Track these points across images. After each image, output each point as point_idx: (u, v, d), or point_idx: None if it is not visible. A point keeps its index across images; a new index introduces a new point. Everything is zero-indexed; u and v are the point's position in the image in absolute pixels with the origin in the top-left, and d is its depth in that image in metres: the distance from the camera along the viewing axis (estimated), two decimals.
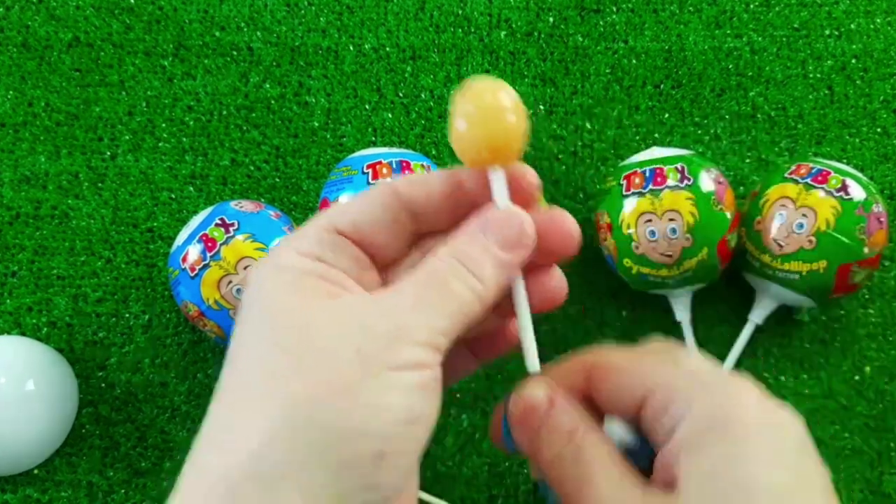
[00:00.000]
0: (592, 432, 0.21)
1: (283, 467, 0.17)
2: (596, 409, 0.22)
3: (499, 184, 0.21)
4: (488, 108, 0.21)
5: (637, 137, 0.49)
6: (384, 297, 0.20)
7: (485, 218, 0.21)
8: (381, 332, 0.18)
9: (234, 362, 0.19)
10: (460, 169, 0.22)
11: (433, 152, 0.48)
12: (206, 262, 0.37)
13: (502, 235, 0.21)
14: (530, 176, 0.22)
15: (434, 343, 0.19)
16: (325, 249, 0.21)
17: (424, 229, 0.23)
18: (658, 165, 0.40)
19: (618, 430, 0.21)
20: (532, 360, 0.22)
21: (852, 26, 0.51)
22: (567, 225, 0.22)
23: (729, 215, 0.39)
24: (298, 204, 0.47)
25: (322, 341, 0.18)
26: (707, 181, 0.39)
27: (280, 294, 0.19)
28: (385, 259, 0.22)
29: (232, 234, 0.38)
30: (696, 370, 0.21)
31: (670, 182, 0.39)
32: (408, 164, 0.40)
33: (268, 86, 0.49)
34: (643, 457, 0.21)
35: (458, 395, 0.43)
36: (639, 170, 0.40)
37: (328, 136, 0.48)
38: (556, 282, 0.23)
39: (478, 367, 0.26)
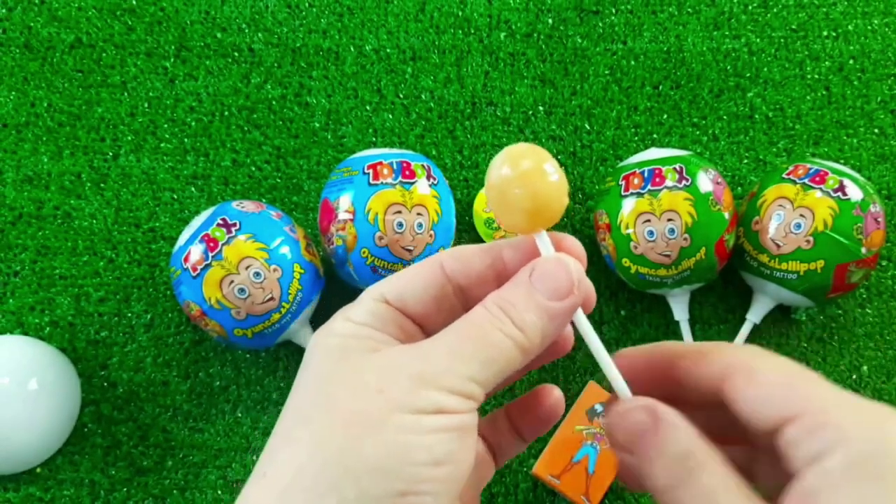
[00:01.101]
0: (712, 457, 0.19)
1: (307, 501, 0.18)
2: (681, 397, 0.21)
3: (545, 245, 0.21)
4: (527, 177, 0.20)
5: (636, 138, 0.49)
6: (421, 345, 0.20)
7: (531, 266, 0.21)
8: (408, 376, 0.19)
9: (282, 415, 0.20)
10: (500, 242, 0.22)
11: (433, 153, 0.48)
12: (208, 261, 0.37)
13: (550, 284, 0.20)
14: (577, 251, 0.22)
15: (464, 390, 0.19)
16: (375, 318, 0.21)
17: (472, 300, 0.22)
18: (656, 166, 0.40)
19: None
20: (621, 388, 0.21)
21: (850, 27, 0.51)
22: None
23: (727, 215, 0.40)
24: (299, 204, 0.47)
25: (352, 383, 0.19)
26: (705, 181, 0.39)
27: (327, 354, 0.20)
28: (435, 328, 0.22)
29: (233, 234, 0.38)
30: (851, 399, 0.19)
31: (669, 182, 0.39)
32: (408, 164, 0.40)
33: (269, 87, 0.49)
34: None
35: None
36: (637, 170, 0.41)
37: (329, 137, 0.49)
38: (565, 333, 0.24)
39: (525, 447, 0.27)
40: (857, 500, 0.17)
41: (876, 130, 0.49)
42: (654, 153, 0.42)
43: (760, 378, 0.20)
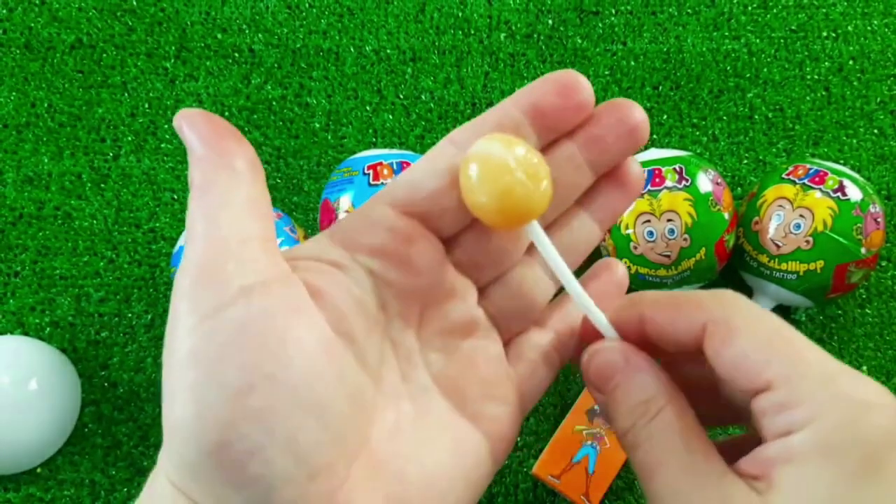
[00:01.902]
0: (673, 405, 0.19)
1: None
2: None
3: (541, 240, 0.20)
4: (493, 175, 0.18)
5: None
6: None
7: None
8: None
9: None
10: (508, 101, 0.20)
11: None
12: None
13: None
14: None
15: None
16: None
17: None
18: (656, 166, 0.40)
19: None
20: (605, 326, 0.20)
21: (849, 28, 0.51)
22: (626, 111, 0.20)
23: (727, 216, 0.40)
24: (299, 204, 0.47)
25: None
26: (705, 182, 0.40)
27: None
28: (456, 222, 0.20)
29: None
30: (830, 372, 0.17)
31: (668, 183, 0.39)
32: (408, 164, 0.40)
33: (269, 87, 0.49)
34: None
35: None
36: None
37: (329, 138, 0.49)
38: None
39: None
40: (812, 483, 0.17)
41: (875, 131, 0.49)
42: (653, 153, 0.42)
43: (737, 339, 0.18)
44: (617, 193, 0.22)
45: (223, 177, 0.17)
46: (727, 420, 0.21)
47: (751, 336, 0.18)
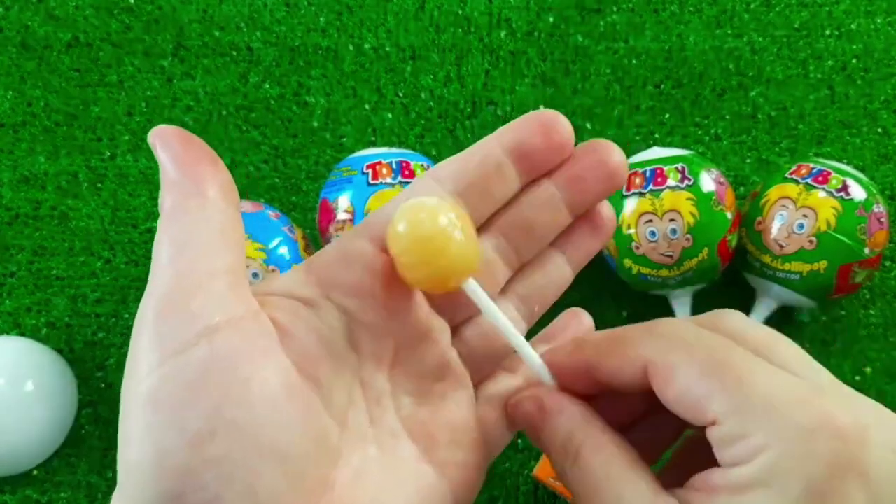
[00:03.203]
0: (592, 439, 0.19)
1: None
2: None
3: (474, 293, 0.19)
4: (420, 246, 0.18)
5: (637, 137, 0.49)
6: None
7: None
8: None
9: None
10: (493, 138, 0.20)
11: (433, 152, 0.48)
12: None
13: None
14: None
15: None
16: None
17: (487, 208, 0.21)
18: (658, 165, 0.40)
19: None
20: (542, 374, 0.21)
21: (853, 26, 0.51)
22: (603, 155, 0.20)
23: (729, 215, 0.39)
24: (298, 204, 0.47)
25: None
26: (707, 181, 0.39)
27: None
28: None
29: None
30: (774, 398, 0.17)
31: (671, 182, 0.39)
32: (408, 164, 0.40)
33: (267, 86, 0.49)
34: None
35: None
36: (639, 170, 0.40)
37: (328, 136, 0.48)
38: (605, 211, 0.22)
39: None
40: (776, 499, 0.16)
41: (879, 130, 0.49)
42: (655, 152, 0.41)
43: (677, 378, 0.18)
44: (590, 235, 0.22)
45: (194, 204, 0.17)
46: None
47: (689, 371, 0.17)
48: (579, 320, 0.24)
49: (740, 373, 0.17)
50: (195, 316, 0.16)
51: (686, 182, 0.39)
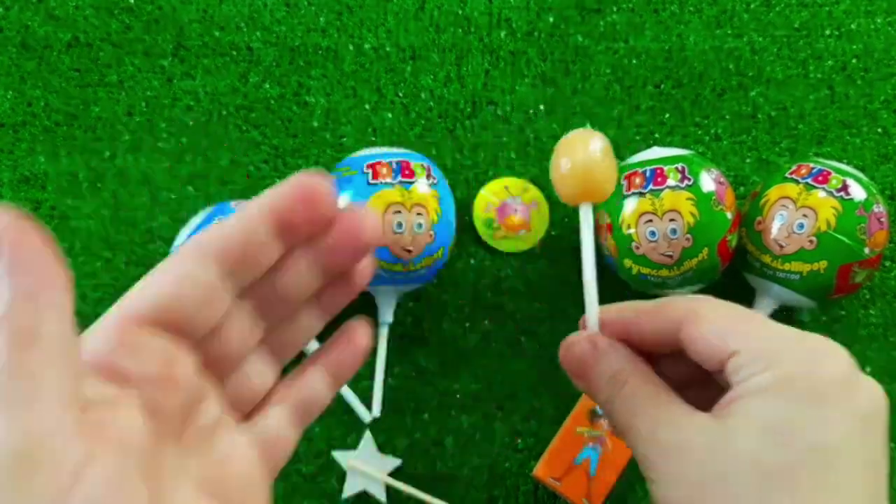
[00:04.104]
0: (638, 371, 0.24)
1: None
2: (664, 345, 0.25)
3: (587, 217, 0.27)
4: (581, 160, 0.26)
5: (637, 137, 0.49)
6: None
7: None
8: None
9: None
10: (254, 206, 0.21)
11: (433, 152, 0.48)
12: None
13: None
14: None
15: None
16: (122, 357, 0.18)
17: (247, 278, 0.21)
18: (658, 165, 0.40)
19: None
20: (592, 322, 0.26)
21: (853, 26, 0.51)
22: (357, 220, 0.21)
23: (729, 215, 0.39)
24: None
25: None
26: (707, 181, 0.39)
27: None
28: (203, 328, 0.20)
29: None
30: (790, 334, 0.22)
31: (671, 182, 0.39)
32: (408, 163, 0.40)
33: (267, 86, 0.49)
34: None
35: (458, 396, 0.43)
36: (639, 170, 0.40)
37: (328, 136, 0.48)
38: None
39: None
40: (764, 408, 0.21)
41: (879, 130, 0.49)
42: (656, 152, 0.41)
43: (706, 322, 0.23)
44: (344, 291, 0.24)
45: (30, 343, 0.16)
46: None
47: (716, 319, 0.23)
48: (355, 339, 0.25)
49: (753, 321, 0.23)
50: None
51: (686, 182, 0.39)
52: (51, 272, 0.16)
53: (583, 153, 0.26)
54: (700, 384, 0.25)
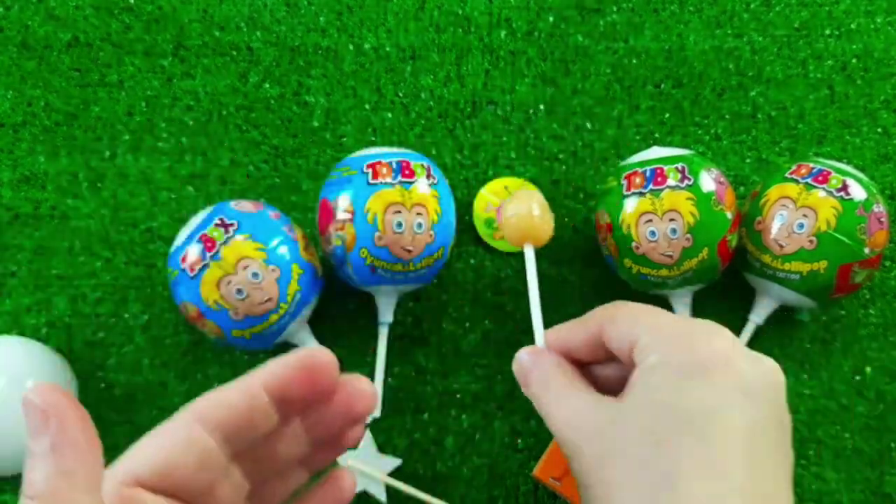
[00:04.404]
0: (560, 371, 0.29)
1: None
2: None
3: (529, 255, 0.33)
4: (522, 217, 0.34)
5: (637, 137, 0.49)
6: None
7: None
8: None
9: None
10: (258, 378, 0.22)
11: (433, 152, 0.48)
12: (206, 262, 0.37)
13: None
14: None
15: None
16: None
17: (241, 453, 0.23)
18: (658, 165, 0.40)
19: None
20: (539, 336, 0.32)
21: (853, 26, 0.51)
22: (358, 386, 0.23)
23: (729, 215, 0.39)
24: (298, 204, 0.47)
25: None
26: (707, 181, 0.39)
27: None
28: (199, 490, 0.22)
29: (231, 234, 0.37)
30: (679, 324, 0.27)
31: (671, 182, 0.39)
32: (408, 163, 0.40)
33: (267, 85, 0.49)
34: None
35: (458, 396, 0.43)
36: (639, 169, 0.40)
37: (328, 136, 0.48)
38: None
39: None
40: (654, 390, 0.25)
41: (879, 130, 0.49)
42: (655, 152, 0.41)
43: (617, 321, 0.28)
44: (332, 453, 0.25)
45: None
46: None
47: (625, 317, 0.28)
48: (340, 485, 0.26)
49: (655, 314, 0.28)
50: None
51: (686, 182, 0.39)
52: (88, 452, 0.18)
53: (526, 209, 0.34)
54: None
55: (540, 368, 0.30)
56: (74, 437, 0.18)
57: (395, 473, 0.41)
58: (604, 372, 0.30)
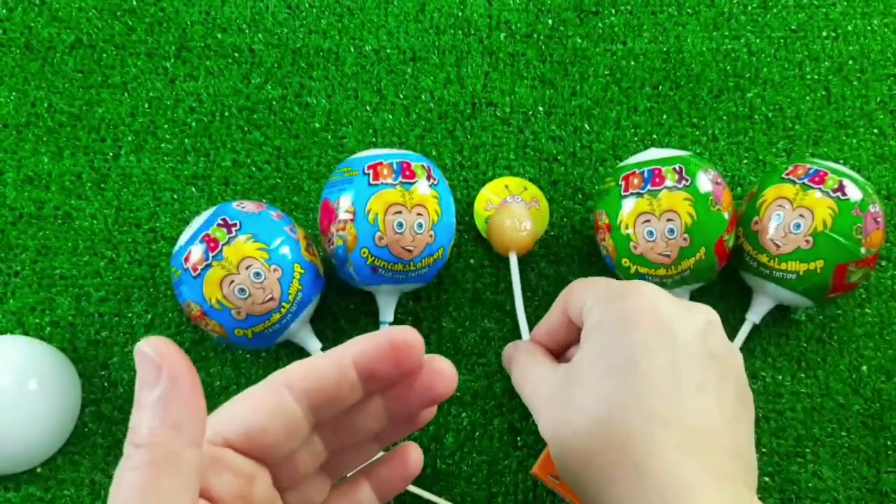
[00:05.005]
0: (533, 353, 0.33)
1: None
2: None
3: (514, 261, 0.42)
4: (505, 229, 0.42)
5: (635, 138, 0.49)
6: None
7: None
8: None
9: None
10: (348, 352, 0.22)
11: (433, 153, 0.49)
12: (209, 262, 0.37)
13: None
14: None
15: None
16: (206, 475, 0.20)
17: (324, 423, 0.23)
18: (656, 166, 0.40)
19: None
20: (524, 334, 0.39)
21: (849, 28, 0.51)
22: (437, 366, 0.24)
23: (726, 216, 0.40)
24: (299, 204, 0.47)
25: None
26: (705, 182, 0.40)
27: None
28: (281, 465, 0.23)
29: (234, 234, 0.38)
30: (612, 288, 0.30)
31: (668, 183, 0.39)
32: (408, 164, 0.40)
33: (269, 87, 0.49)
34: None
35: (458, 394, 0.44)
36: (637, 170, 0.41)
37: (329, 137, 0.49)
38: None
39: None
40: (593, 343, 0.28)
41: (875, 131, 0.49)
42: (653, 153, 0.42)
43: (573, 293, 0.32)
44: (405, 426, 0.26)
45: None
46: None
47: (577, 290, 0.32)
48: (406, 461, 0.27)
49: (599, 282, 0.31)
50: None
51: (683, 182, 0.39)
52: (194, 407, 0.19)
53: (508, 222, 0.41)
54: None
55: (520, 354, 0.34)
56: (184, 391, 0.18)
57: None
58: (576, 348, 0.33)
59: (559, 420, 0.28)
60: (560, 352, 0.35)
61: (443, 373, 0.23)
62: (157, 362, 0.18)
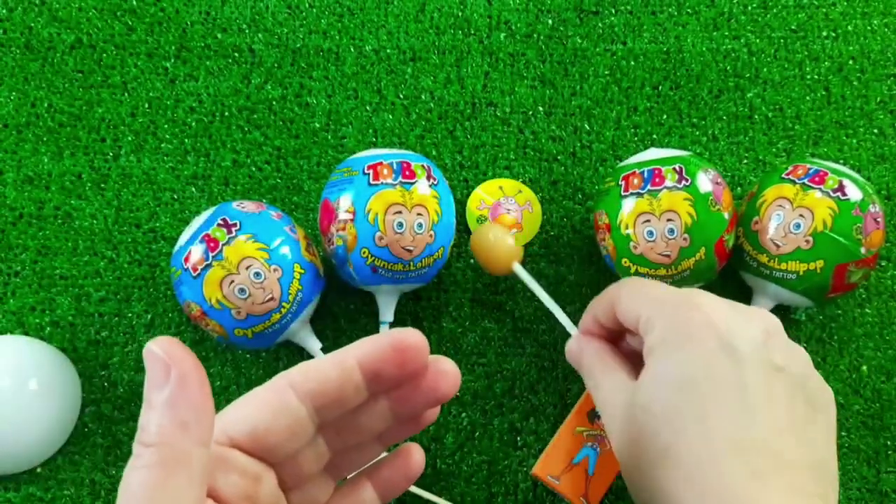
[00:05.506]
0: (600, 354, 0.34)
1: None
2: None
3: (521, 271, 0.40)
4: (490, 250, 0.40)
5: (635, 138, 0.49)
6: None
7: None
8: None
9: None
10: (353, 353, 0.22)
11: (433, 153, 0.49)
12: (209, 261, 0.37)
13: None
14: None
15: None
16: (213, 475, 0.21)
17: (328, 423, 0.23)
18: (656, 166, 0.40)
19: None
20: (569, 327, 0.38)
21: (849, 28, 0.51)
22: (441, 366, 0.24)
23: (726, 216, 0.40)
24: (300, 204, 0.47)
25: None
26: (705, 182, 0.40)
27: None
28: (286, 464, 0.23)
29: (234, 234, 0.38)
30: (671, 301, 0.30)
31: (668, 183, 0.39)
32: (408, 164, 0.40)
33: (269, 87, 0.50)
34: None
35: (458, 394, 0.44)
36: (637, 170, 0.41)
37: (329, 137, 0.49)
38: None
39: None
40: (655, 364, 0.28)
41: (875, 131, 0.49)
42: (653, 153, 0.42)
43: (623, 297, 0.32)
44: (408, 427, 0.26)
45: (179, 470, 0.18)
46: None
47: (628, 292, 0.32)
48: (409, 460, 0.28)
49: (651, 287, 0.32)
50: None
51: (683, 182, 0.39)
52: (203, 407, 0.19)
53: (502, 237, 0.40)
54: None
55: (588, 354, 0.34)
56: (192, 391, 0.18)
57: None
58: (635, 340, 0.35)
59: (629, 446, 0.28)
60: (611, 335, 0.36)
61: (447, 373, 0.23)
62: (166, 362, 0.18)
